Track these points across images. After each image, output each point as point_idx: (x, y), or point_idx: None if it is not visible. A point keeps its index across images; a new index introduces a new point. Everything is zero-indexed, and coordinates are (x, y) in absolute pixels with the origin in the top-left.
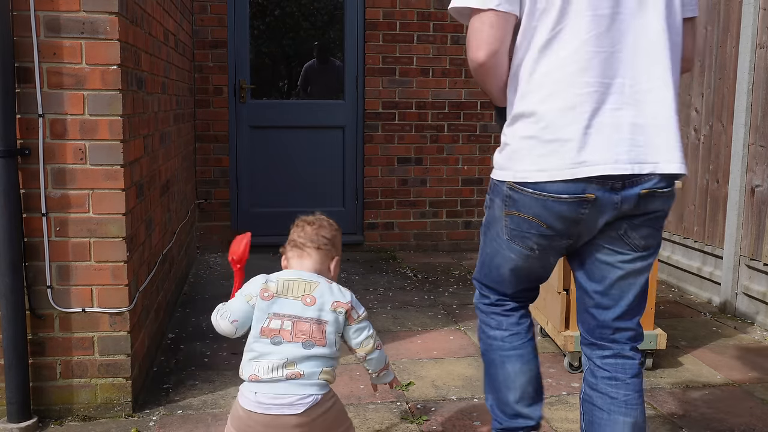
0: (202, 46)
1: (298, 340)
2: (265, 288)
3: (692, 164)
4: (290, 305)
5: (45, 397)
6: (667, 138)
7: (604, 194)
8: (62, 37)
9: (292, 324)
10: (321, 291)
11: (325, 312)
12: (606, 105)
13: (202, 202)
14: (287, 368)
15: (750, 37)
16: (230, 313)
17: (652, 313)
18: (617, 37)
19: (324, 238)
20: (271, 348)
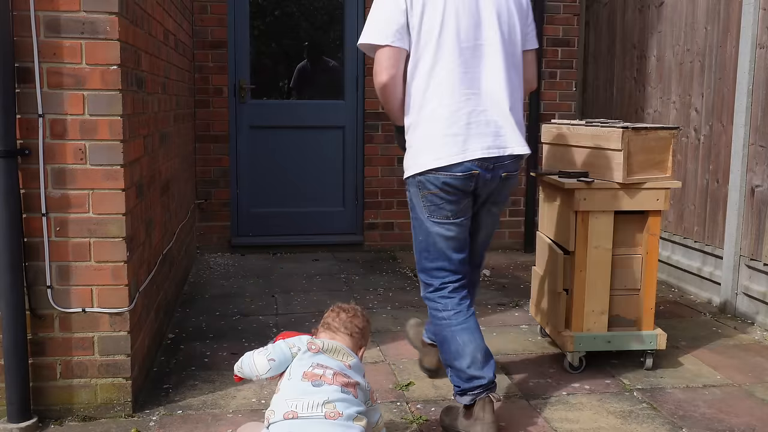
0: (202, 46)
1: (338, 384)
2: (312, 342)
3: (692, 164)
4: (333, 362)
5: (45, 397)
6: (513, 130)
7: (482, 171)
8: (62, 37)
9: (333, 374)
10: (356, 364)
11: (359, 378)
12: (477, 108)
13: (202, 202)
14: (326, 407)
15: (750, 37)
16: (270, 352)
17: (652, 313)
18: (477, 61)
19: (357, 327)
20: (312, 389)
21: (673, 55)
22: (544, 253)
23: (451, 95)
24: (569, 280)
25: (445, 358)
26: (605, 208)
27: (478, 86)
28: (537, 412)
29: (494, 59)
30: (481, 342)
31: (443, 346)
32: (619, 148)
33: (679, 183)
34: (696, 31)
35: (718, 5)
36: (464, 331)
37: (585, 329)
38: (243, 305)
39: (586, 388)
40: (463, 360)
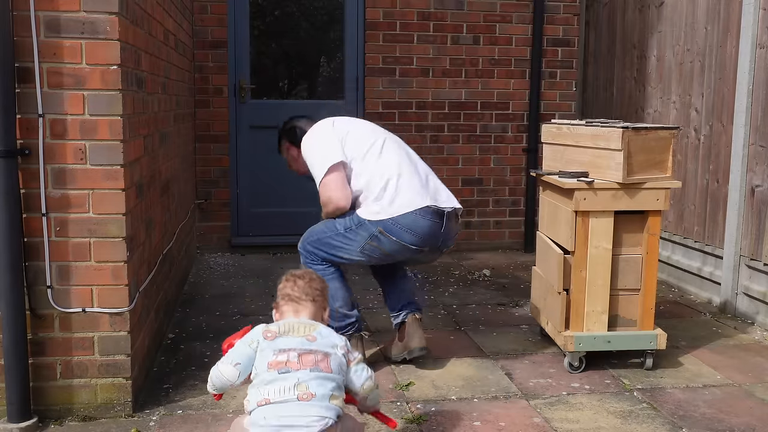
0: (202, 46)
1: (306, 367)
2: (267, 330)
3: (692, 164)
4: (294, 341)
5: (45, 397)
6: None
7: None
8: (62, 37)
9: (298, 355)
10: (320, 332)
11: (327, 347)
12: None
13: (202, 202)
14: (298, 389)
15: (750, 37)
16: (232, 358)
17: (652, 313)
18: (405, 154)
19: (317, 290)
20: (280, 377)
21: (673, 55)
22: (544, 253)
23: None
24: (569, 280)
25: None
26: (605, 208)
27: (414, 169)
28: (537, 412)
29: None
30: (348, 290)
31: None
32: (619, 148)
33: (679, 183)
34: (696, 31)
35: (718, 5)
36: (336, 280)
37: (585, 329)
38: (243, 305)
39: (586, 388)
40: (336, 302)
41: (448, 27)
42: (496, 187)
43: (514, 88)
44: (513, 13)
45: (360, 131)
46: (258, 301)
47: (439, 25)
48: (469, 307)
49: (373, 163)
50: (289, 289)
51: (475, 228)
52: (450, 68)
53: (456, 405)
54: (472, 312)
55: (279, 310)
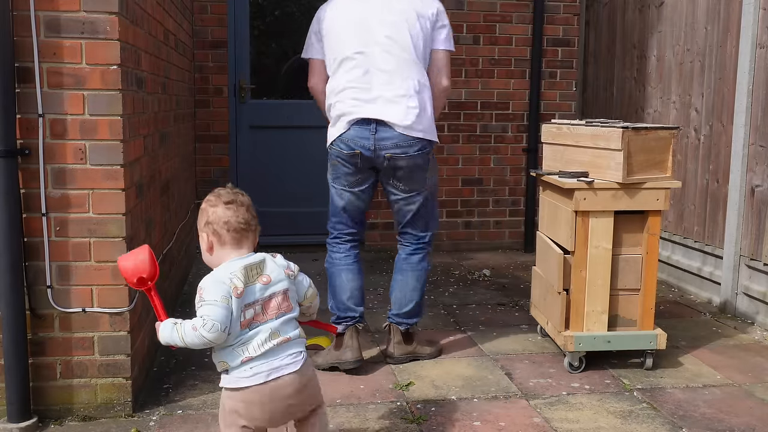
0: (202, 46)
1: (272, 315)
2: (234, 287)
3: (692, 164)
4: (255, 291)
5: (45, 397)
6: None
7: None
8: (62, 37)
9: (261, 306)
10: (270, 266)
11: (282, 281)
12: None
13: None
14: (273, 338)
15: (750, 37)
16: (220, 324)
17: (652, 313)
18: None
19: (255, 218)
20: (252, 332)
21: (673, 55)
22: (544, 253)
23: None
24: (569, 280)
25: (331, 291)
26: (605, 208)
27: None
28: (537, 412)
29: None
30: (360, 285)
31: (331, 280)
32: (619, 148)
33: (679, 183)
34: (696, 31)
35: (718, 5)
36: (349, 271)
37: (585, 329)
38: None
39: (586, 388)
40: (344, 294)
41: None
42: (496, 187)
43: (514, 88)
44: (513, 13)
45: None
46: None
47: None
48: (469, 307)
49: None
50: (232, 218)
51: (475, 228)
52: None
53: (456, 405)
54: (472, 312)
55: (216, 239)
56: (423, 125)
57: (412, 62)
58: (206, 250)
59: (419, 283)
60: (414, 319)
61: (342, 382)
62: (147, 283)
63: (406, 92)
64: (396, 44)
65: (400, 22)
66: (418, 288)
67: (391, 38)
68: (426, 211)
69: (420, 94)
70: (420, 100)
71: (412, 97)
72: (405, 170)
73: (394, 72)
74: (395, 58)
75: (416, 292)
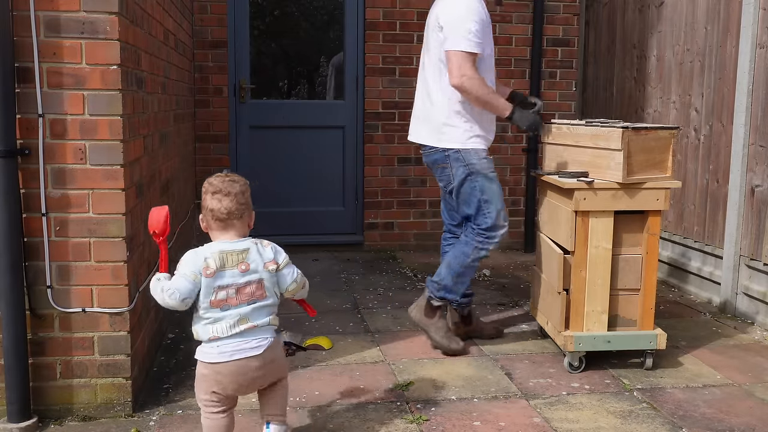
0: (202, 46)
1: (244, 301)
2: (206, 266)
3: (692, 164)
4: (230, 276)
5: (45, 397)
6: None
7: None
8: (62, 37)
9: (236, 290)
10: (252, 256)
11: (260, 272)
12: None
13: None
14: (241, 324)
15: (750, 37)
16: (180, 294)
17: (652, 313)
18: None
19: (243, 206)
20: (222, 313)
21: (673, 54)
22: (544, 253)
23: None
24: (569, 280)
25: (462, 284)
26: (605, 208)
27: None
28: (537, 411)
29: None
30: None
31: (467, 273)
32: (619, 148)
33: (679, 183)
34: (696, 31)
35: (718, 5)
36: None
37: (585, 329)
38: None
39: (586, 388)
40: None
41: None
42: None
43: (514, 88)
44: (513, 13)
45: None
46: None
47: None
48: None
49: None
50: (215, 206)
51: None
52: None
53: (456, 405)
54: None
55: (206, 223)
56: (426, 131)
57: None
58: (204, 229)
59: (454, 261)
60: (439, 291)
61: (342, 382)
62: (159, 237)
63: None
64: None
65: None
66: (451, 264)
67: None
68: (465, 207)
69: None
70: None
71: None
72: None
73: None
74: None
75: (447, 267)
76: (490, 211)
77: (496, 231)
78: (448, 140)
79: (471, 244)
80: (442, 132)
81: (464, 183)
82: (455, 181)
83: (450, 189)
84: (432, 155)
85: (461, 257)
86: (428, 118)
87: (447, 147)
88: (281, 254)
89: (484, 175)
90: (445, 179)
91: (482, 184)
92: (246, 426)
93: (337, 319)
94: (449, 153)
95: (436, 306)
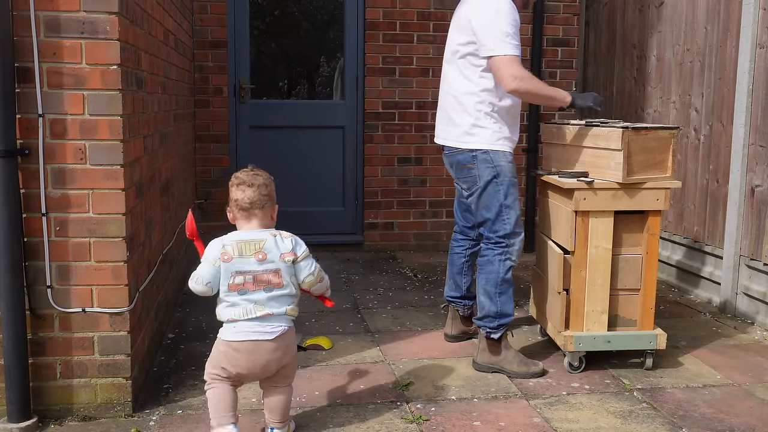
0: (202, 46)
1: (261, 287)
2: (224, 252)
3: (692, 164)
4: (247, 263)
5: (45, 397)
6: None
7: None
8: (62, 37)
9: (253, 278)
10: (269, 247)
11: (276, 262)
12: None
13: (202, 202)
14: (258, 310)
15: (750, 37)
16: (203, 279)
17: (652, 313)
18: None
19: (265, 197)
20: (240, 298)
21: (673, 54)
22: (544, 253)
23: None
24: (569, 280)
25: (511, 300)
26: (605, 208)
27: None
28: (537, 411)
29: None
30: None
31: (510, 289)
32: (619, 148)
33: (679, 183)
34: (696, 31)
35: (718, 5)
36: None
37: (585, 329)
38: None
39: (586, 388)
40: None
41: (448, 27)
42: None
43: None
44: None
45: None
46: None
47: (439, 25)
48: None
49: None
50: (239, 196)
51: None
52: None
53: (456, 405)
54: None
55: (232, 213)
56: (453, 133)
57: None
58: (231, 220)
59: (488, 286)
60: (492, 323)
61: (342, 382)
62: (190, 237)
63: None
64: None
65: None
66: (487, 291)
67: None
68: (484, 210)
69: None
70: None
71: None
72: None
73: None
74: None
75: (485, 296)
76: (509, 217)
77: (514, 238)
78: (477, 141)
79: (495, 260)
80: (471, 133)
81: (489, 185)
82: (480, 183)
83: (473, 191)
84: (456, 156)
85: (493, 277)
86: (455, 119)
87: (475, 148)
88: (301, 247)
89: (509, 179)
90: (470, 180)
91: (506, 188)
92: (246, 426)
93: (337, 319)
94: (477, 153)
95: (497, 339)
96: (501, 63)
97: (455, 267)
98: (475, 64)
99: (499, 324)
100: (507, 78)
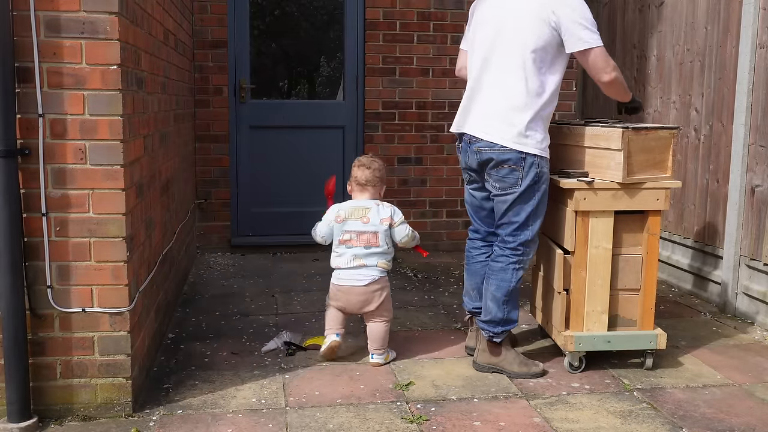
0: (202, 46)
1: (361, 244)
2: (338, 215)
3: (692, 164)
4: (354, 224)
5: (45, 397)
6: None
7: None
8: (62, 37)
9: (357, 235)
10: (372, 213)
11: (376, 225)
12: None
13: (202, 202)
14: (356, 261)
15: (750, 37)
16: (320, 233)
17: (652, 313)
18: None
19: (377, 178)
20: (346, 250)
21: (673, 54)
22: (544, 253)
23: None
24: (569, 280)
25: (517, 303)
26: (605, 208)
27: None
28: (537, 411)
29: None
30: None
31: (517, 293)
32: (619, 148)
33: (679, 183)
34: (696, 31)
35: (718, 5)
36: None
37: (585, 329)
38: (243, 305)
39: (586, 388)
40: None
41: (448, 27)
42: None
43: None
44: None
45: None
46: (258, 300)
47: (439, 25)
48: None
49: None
50: (359, 174)
51: None
52: (450, 68)
53: (456, 405)
54: None
55: (351, 186)
56: (502, 131)
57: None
58: (349, 192)
59: (498, 293)
60: (495, 328)
61: (342, 382)
62: (329, 198)
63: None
64: None
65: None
66: (496, 298)
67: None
68: (512, 214)
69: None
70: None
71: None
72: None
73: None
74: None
75: (493, 302)
76: (534, 225)
77: (531, 246)
78: (532, 145)
79: (509, 269)
80: (526, 135)
81: (527, 190)
82: (521, 186)
83: (508, 192)
84: (503, 154)
85: (505, 285)
86: (507, 117)
87: (527, 151)
88: (398, 214)
89: (545, 188)
90: (509, 181)
91: (541, 195)
92: (247, 425)
93: None
94: (526, 156)
95: (498, 342)
96: (599, 54)
97: (478, 277)
98: (544, 61)
99: (503, 330)
100: (607, 68)
